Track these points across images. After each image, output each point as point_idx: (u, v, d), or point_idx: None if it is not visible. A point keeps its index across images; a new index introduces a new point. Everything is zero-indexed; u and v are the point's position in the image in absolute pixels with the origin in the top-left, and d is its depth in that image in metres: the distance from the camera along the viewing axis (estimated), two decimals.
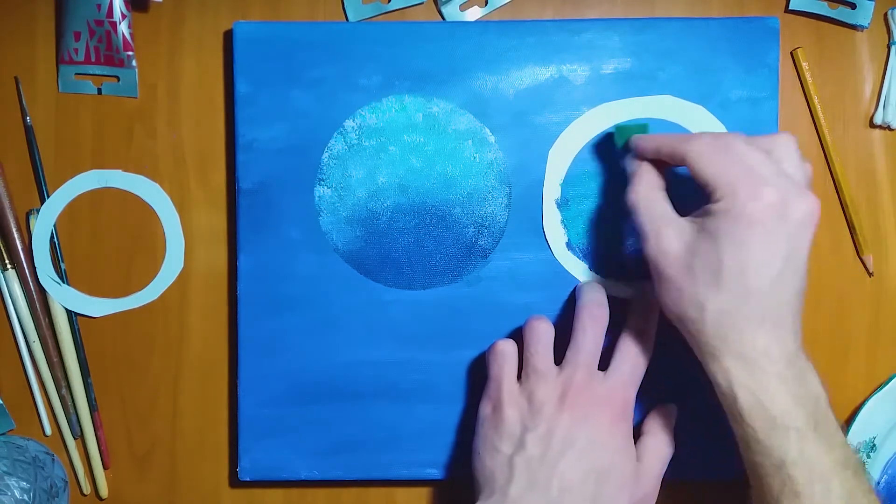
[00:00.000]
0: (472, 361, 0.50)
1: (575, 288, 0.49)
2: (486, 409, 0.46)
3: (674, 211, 0.43)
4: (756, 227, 0.39)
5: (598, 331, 0.45)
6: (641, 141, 0.45)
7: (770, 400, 0.39)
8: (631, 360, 0.45)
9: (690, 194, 0.43)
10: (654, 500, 0.45)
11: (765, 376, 0.40)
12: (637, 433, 0.47)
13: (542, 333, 0.46)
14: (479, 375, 0.49)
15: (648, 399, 0.48)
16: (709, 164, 0.41)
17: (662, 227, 0.42)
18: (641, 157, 0.45)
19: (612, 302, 0.48)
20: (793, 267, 0.40)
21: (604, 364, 0.46)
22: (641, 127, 0.47)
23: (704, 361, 0.41)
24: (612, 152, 0.49)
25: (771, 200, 0.40)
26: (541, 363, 0.45)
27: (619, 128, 0.47)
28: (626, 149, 0.47)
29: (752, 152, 0.41)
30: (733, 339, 0.40)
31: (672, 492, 0.52)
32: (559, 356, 0.46)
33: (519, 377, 0.46)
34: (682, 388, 0.49)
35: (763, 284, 0.40)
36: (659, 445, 0.46)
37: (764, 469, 0.40)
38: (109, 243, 0.52)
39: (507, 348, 0.47)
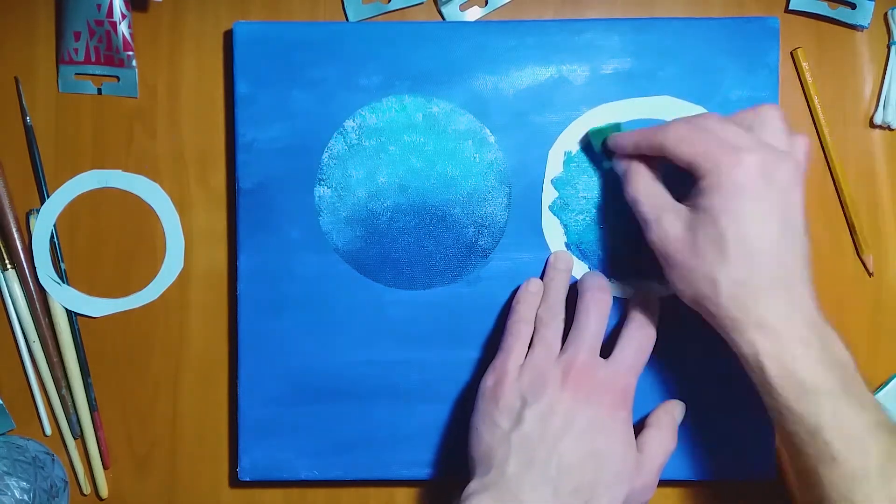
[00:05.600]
0: (473, 361, 0.50)
1: (576, 281, 0.49)
2: (488, 381, 0.46)
3: (672, 198, 0.44)
4: (745, 193, 0.40)
5: (601, 314, 0.45)
6: (619, 139, 0.46)
7: (796, 365, 0.39)
8: (633, 347, 0.45)
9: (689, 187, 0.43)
10: (653, 493, 0.45)
11: (789, 342, 0.40)
12: (642, 425, 0.47)
13: (560, 309, 0.46)
14: (479, 375, 0.49)
15: (655, 395, 0.49)
16: (687, 146, 0.42)
17: (662, 213, 0.43)
18: (623, 155, 0.46)
19: (612, 301, 0.48)
20: (791, 229, 0.41)
21: (606, 353, 0.46)
22: (615, 126, 0.47)
23: (730, 339, 0.41)
24: (600, 155, 0.49)
25: (752, 165, 0.40)
26: (550, 334, 0.45)
27: (593, 132, 0.48)
28: (606, 151, 0.47)
29: (727, 127, 0.42)
30: (751, 308, 0.40)
31: (677, 492, 0.52)
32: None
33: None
34: (688, 387, 0.49)
35: (767, 249, 0.40)
36: (662, 437, 0.46)
37: (799, 438, 0.40)
38: (109, 243, 0.52)
39: (527, 314, 0.47)
